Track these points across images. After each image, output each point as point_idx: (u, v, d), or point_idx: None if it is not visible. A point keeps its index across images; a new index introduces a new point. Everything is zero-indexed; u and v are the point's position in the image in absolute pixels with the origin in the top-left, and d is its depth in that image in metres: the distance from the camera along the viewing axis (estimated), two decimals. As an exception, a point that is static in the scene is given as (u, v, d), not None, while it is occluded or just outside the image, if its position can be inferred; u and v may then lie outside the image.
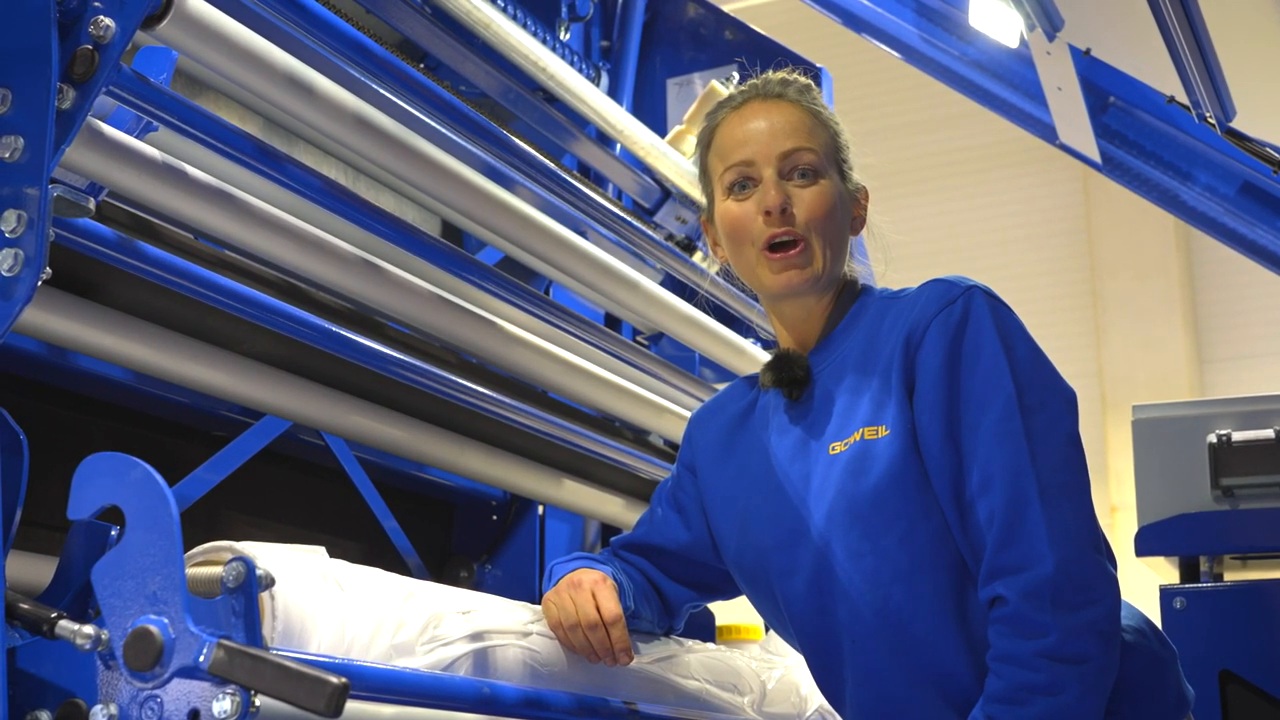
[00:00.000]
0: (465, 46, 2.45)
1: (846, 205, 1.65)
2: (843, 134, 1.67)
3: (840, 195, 1.63)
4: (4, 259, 1.27)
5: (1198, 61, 2.37)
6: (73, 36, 1.33)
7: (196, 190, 1.58)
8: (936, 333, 1.52)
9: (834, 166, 1.64)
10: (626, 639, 1.59)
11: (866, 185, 1.70)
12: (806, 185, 1.60)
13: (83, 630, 1.18)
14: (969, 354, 1.51)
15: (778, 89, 1.65)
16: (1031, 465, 1.46)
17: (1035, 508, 1.44)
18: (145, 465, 1.19)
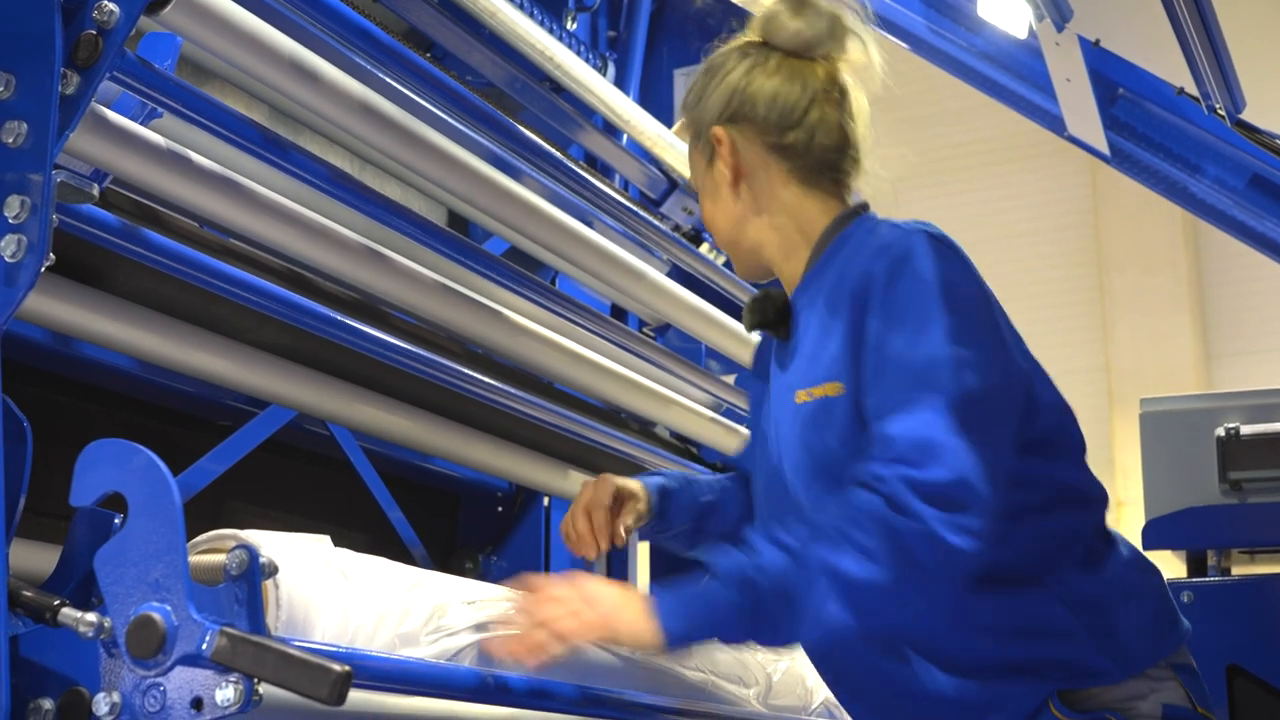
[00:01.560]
0: (472, 36, 2.44)
1: (712, 185, 1.61)
2: (699, 100, 1.62)
3: (704, 186, 1.63)
4: (6, 245, 1.27)
5: (1208, 52, 2.35)
6: (76, 21, 1.33)
7: (201, 177, 1.58)
8: (878, 284, 1.46)
9: (699, 151, 1.62)
10: (603, 527, 1.64)
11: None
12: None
13: (85, 618, 1.18)
14: (901, 307, 1.44)
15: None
16: (941, 396, 1.39)
17: (938, 427, 1.37)
18: (148, 452, 1.18)
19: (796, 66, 1.59)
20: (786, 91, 1.57)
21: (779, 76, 1.58)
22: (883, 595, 1.34)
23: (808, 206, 1.59)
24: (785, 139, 1.57)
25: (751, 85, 1.58)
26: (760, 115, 1.57)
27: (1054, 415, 1.54)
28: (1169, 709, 1.48)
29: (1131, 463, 7.48)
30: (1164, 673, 1.50)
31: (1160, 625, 1.53)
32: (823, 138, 1.58)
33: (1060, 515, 1.51)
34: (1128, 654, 1.48)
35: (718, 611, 1.36)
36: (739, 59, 1.61)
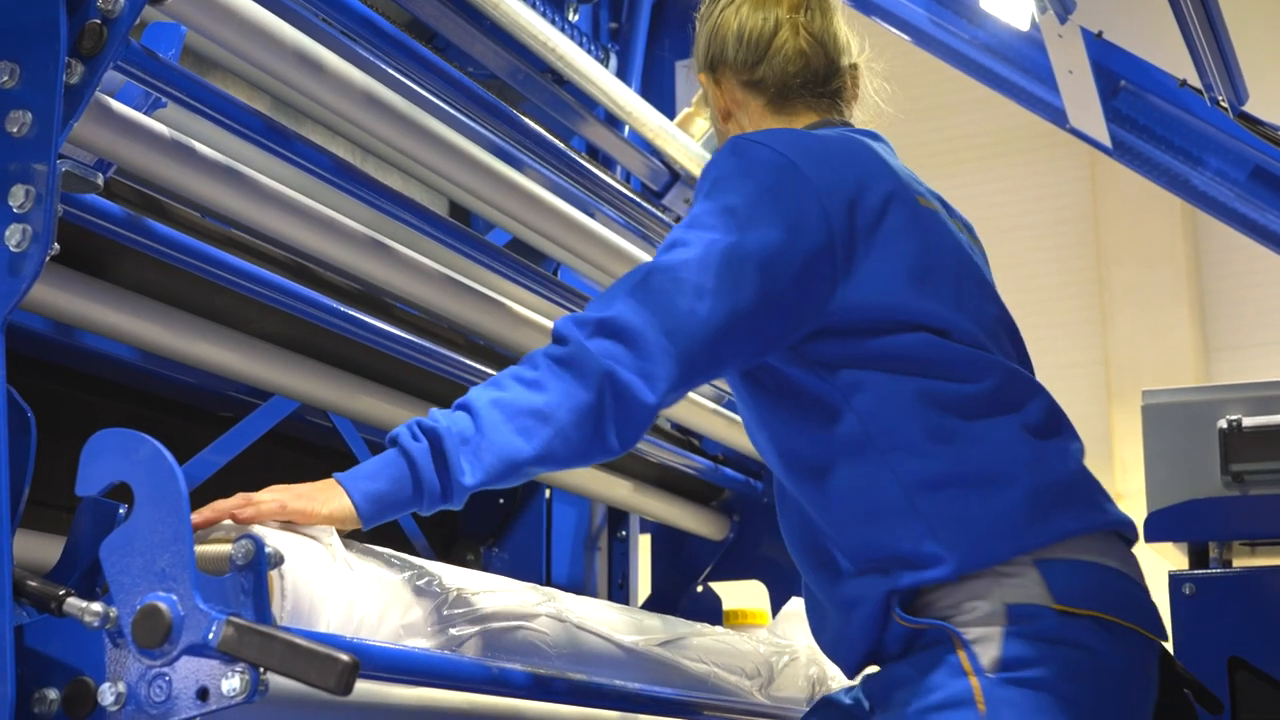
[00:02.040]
0: (474, 27, 2.44)
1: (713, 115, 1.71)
2: (696, 51, 1.70)
3: (713, 115, 1.71)
4: (11, 234, 1.26)
5: (1211, 44, 2.35)
6: (81, 10, 1.32)
7: (205, 167, 1.57)
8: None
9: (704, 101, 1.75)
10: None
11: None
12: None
13: (91, 607, 1.18)
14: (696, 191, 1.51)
15: None
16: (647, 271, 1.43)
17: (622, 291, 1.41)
18: (154, 441, 1.18)
19: (750, 14, 1.65)
20: (751, 25, 1.65)
21: (744, 11, 1.66)
22: (543, 417, 1.35)
23: (783, 126, 1.65)
24: (755, 74, 1.65)
25: (723, 25, 1.66)
26: (731, 56, 1.65)
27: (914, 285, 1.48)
28: (1015, 608, 1.37)
29: (1130, 456, 7.51)
30: (1021, 568, 1.38)
31: (1028, 516, 1.40)
32: (788, 65, 1.64)
33: (905, 378, 1.44)
34: (971, 547, 1.39)
35: (402, 468, 1.35)
36: (712, 5, 1.70)
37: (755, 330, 1.43)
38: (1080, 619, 1.38)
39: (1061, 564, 1.40)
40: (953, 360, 1.46)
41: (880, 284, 1.46)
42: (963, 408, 1.44)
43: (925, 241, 1.52)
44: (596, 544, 2.93)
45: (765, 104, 1.65)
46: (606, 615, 1.74)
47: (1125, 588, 1.45)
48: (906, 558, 1.40)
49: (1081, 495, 1.46)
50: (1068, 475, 1.46)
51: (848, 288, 1.45)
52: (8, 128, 1.28)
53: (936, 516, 1.40)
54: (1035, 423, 1.47)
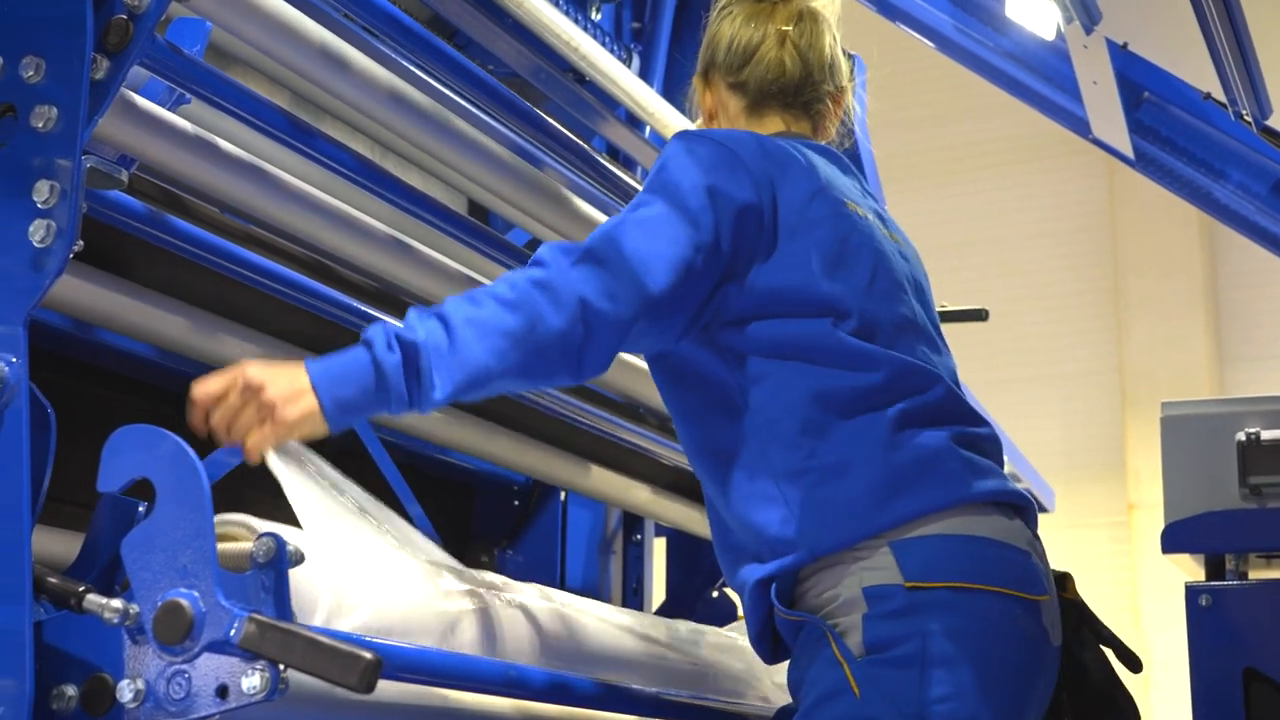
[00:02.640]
0: (497, 24, 2.43)
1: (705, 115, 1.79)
2: (703, 47, 1.78)
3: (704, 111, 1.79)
4: (35, 230, 1.26)
5: (1236, 58, 2.34)
6: (107, 6, 1.32)
7: (228, 164, 1.57)
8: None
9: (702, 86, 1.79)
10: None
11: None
12: None
13: (111, 604, 1.18)
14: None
15: None
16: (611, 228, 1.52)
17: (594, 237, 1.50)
18: (176, 438, 1.18)
19: (755, 10, 1.76)
20: (742, 34, 1.75)
21: (739, 21, 1.76)
22: (516, 340, 1.41)
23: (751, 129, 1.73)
24: (739, 77, 1.75)
25: (719, 33, 1.77)
26: (721, 59, 1.76)
27: (808, 296, 1.55)
28: (870, 590, 1.43)
29: (1144, 465, 7.48)
30: (876, 551, 1.44)
31: (878, 498, 1.46)
32: (767, 72, 1.74)
33: (801, 367, 1.52)
34: (821, 531, 1.46)
35: (373, 378, 1.37)
36: (716, 13, 1.80)
37: (706, 272, 1.51)
38: (933, 591, 1.43)
39: (916, 541, 1.46)
40: (847, 351, 1.53)
41: (793, 265, 1.56)
42: (845, 403, 1.51)
43: (843, 234, 1.60)
44: (611, 548, 2.92)
45: (743, 106, 1.75)
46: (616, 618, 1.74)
47: (989, 552, 1.49)
48: (771, 543, 1.49)
49: (942, 473, 1.51)
50: (925, 456, 1.51)
51: (765, 266, 1.55)
52: (33, 123, 1.28)
53: (796, 503, 1.48)
54: (913, 413, 1.53)
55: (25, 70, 1.29)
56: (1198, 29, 2.42)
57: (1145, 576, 7.06)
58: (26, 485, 1.23)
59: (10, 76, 1.30)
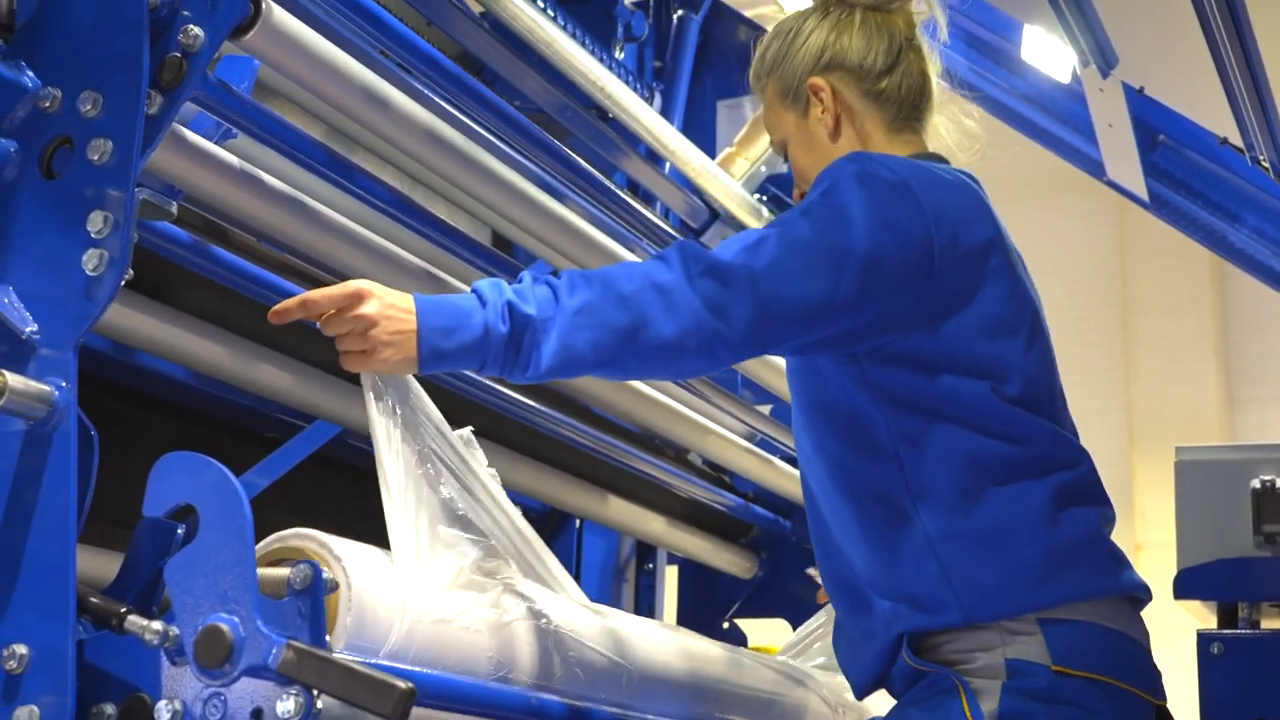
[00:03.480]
0: (525, 62, 2.48)
1: (807, 137, 1.67)
2: (784, 58, 1.68)
3: (799, 140, 1.68)
4: (89, 259, 1.30)
5: (1254, 103, 2.37)
6: (162, 43, 1.36)
7: (271, 196, 1.61)
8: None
9: (790, 107, 1.68)
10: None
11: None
12: (787, 163, 1.72)
13: (151, 626, 1.21)
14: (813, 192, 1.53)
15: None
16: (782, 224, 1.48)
17: (735, 248, 1.46)
18: (220, 466, 1.21)
19: (880, 19, 1.67)
20: (877, 41, 1.66)
21: (866, 29, 1.66)
22: (624, 338, 1.41)
23: (893, 150, 1.65)
24: (879, 85, 1.65)
25: (841, 39, 1.66)
26: (855, 64, 1.65)
27: (985, 348, 1.51)
28: (1014, 663, 1.42)
29: (1152, 506, 7.48)
30: (1026, 626, 1.44)
31: (1037, 575, 1.45)
32: (910, 82, 1.66)
33: (958, 431, 1.48)
34: (979, 598, 1.44)
35: (477, 341, 1.40)
36: (820, 18, 1.69)
37: (839, 322, 1.47)
38: (1076, 680, 1.43)
39: (1065, 625, 1.45)
40: (1006, 418, 1.49)
41: (963, 321, 1.50)
42: (1001, 470, 1.48)
43: (1013, 291, 1.55)
44: (624, 575, 2.95)
45: (884, 120, 1.65)
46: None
47: (1127, 649, 1.50)
48: (920, 599, 1.47)
49: (1094, 559, 1.51)
50: (1083, 539, 1.50)
51: (934, 316, 1.49)
52: (89, 155, 1.32)
53: (952, 565, 1.46)
54: (1068, 488, 1.51)
55: (83, 104, 1.33)
56: (1215, 74, 2.45)
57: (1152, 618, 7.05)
58: (73, 506, 1.27)
59: (68, 110, 1.34)
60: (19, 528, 1.26)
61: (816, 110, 1.66)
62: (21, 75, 1.37)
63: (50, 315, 1.30)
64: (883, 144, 1.65)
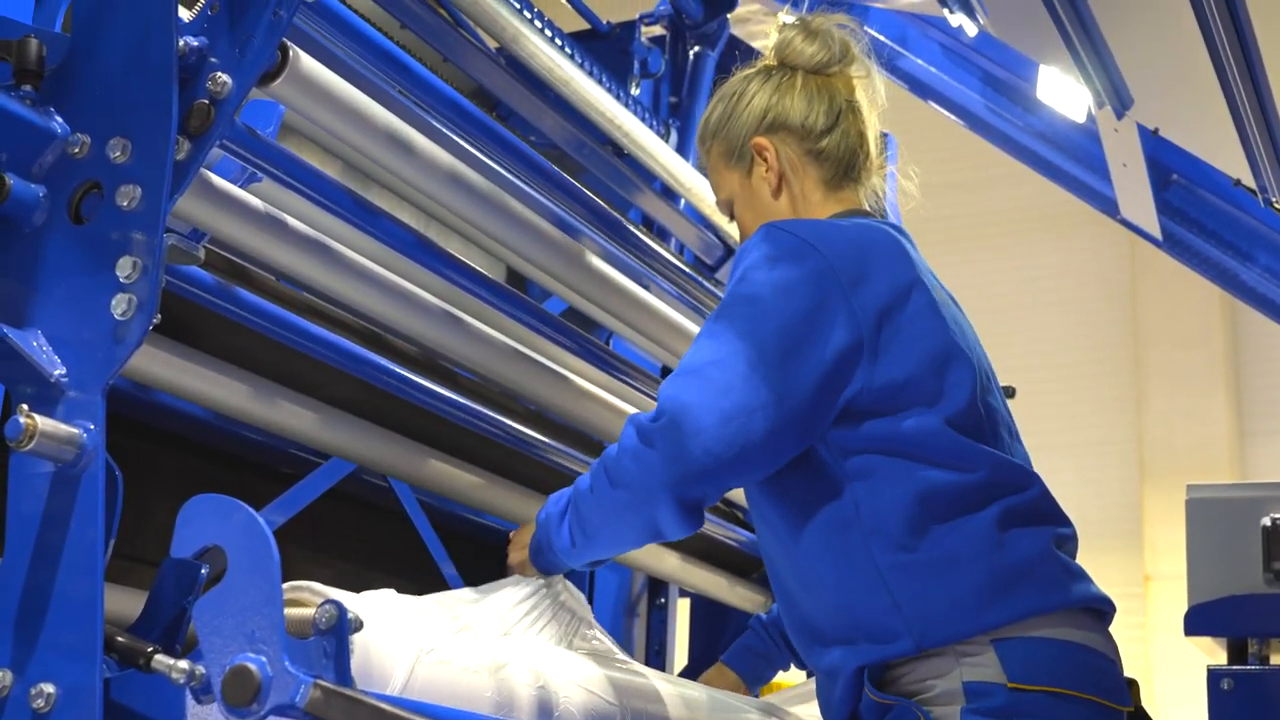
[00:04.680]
0: (539, 98, 2.51)
1: (751, 195, 1.76)
2: (729, 119, 1.77)
3: (742, 199, 1.77)
4: (117, 304, 1.32)
5: (1267, 146, 2.39)
6: (190, 90, 1.38)
7: (294, 239, 1.63)
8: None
9: (735, 167, 1.77)
10: None
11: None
12: (733, 220, 1.82)
13: (178, 665, 1.22)
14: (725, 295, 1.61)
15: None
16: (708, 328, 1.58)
17: (673, 388, 1.55)
18: (248, 508, 1.23)
19: (820, 82, 1.76)
20: (818, 103, 1.74)
21: (807, 90, 1.75)
22: (598, 506, 1.60)
23: (829, 208, 1.74)
24: (820, 144, 1.73)
25: (784, 100, 1.74)
26: (797, 124, 1.73)
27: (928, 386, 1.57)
28: (970, 685, 1.46)
29: (1161, 538, 7.46)
30: (979, 648, 1.47)
31: (985, 597, 1.49)
32: (848, 143, 1.74)
33: (907, 465, 1.53)
34: (929, 624, 1.48)
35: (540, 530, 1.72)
36: (762, 81, 1.77)
37: (790, 430, 1.53)
38: (1034, 694, 1.46)
39: (1018, 642, 1.48)
40: (951, 449, 1.54)
41: (900, 367, 1.56)
42: (950, 499, 1.54)
43: (941, 329, 1.61)
44: (636, 610, 2.95)
45: (822, 178, 1.73)
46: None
47: (1086, 660, 1.53)
48: (872, 631, 1.51)
49: (1044, 576, 1.54)
50: (1031, 558, 1.54)
51: (873, 374, 1.55)
52: (118, 201, 1.34)
53: (901, 593, 1.50)
54: (1015, 511, 1.56)
55: (112, 151, 1.35)
56: (1229, 116, 2.48)
57: (1160, 650, 7.03)
58: (100, 547, 1.28)
59: (97, 156, 1.36)
60: (47, 568, 1.27)
61: (760, 169, 1.74)
62: (51, 121, 1.39)
63: (79, 359, 1.32)
64: (819, 202, 1.73)
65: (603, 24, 3.08)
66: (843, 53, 1.77)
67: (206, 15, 1.41)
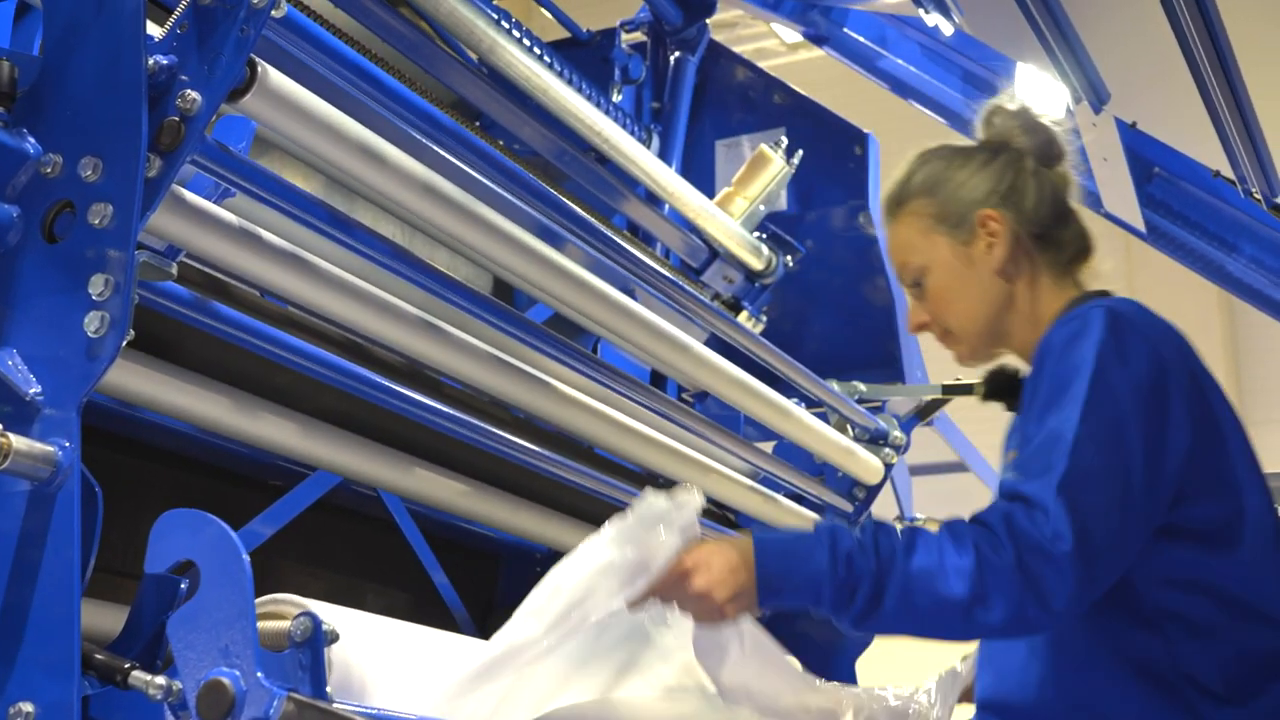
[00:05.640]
0: (520, 108, 2.51)
1: (964, 267, 1.69)
2: (944, 183, 1.71)
3: (950, 269, 1.70)
4: (90, 321, 1.32)
5: (1243, 137, 2.40)
6: (160, 108, 1.39)
7: (270, 253, 1.64)
8: (1052, 347, 1.56)
9: (946, 233, 1.70)
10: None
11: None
12: (920, 293, 1.74)
13: (155, 681, 1.23)
14: (1069, 361, 1.52)
15: (882, 216, 1.80)
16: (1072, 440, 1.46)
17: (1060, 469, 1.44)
18: (220, 523, 1.23)
19: (1047, 173, 1.72)
20: (1052, 191, 1.71)
21: (1039, 178, 1.70)
22: (949, 611, 1.43)
23: (1057, 296, 1.70)
24: (1050, 231, 1.69)
25: (1019, 180, 1.69)
26: (1029, 207, 1.69)
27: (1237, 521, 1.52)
28: None
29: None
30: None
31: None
32: (1077, 232, 1.72)
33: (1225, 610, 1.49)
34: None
35: (813, 582, 1.45)
36: (991, 156, 1.72)
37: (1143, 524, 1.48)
38: None
39: None
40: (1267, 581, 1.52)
41: (1230, 492, 1.53)
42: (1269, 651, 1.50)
43: (1240, 429, 1.58)
44: (630, 615, 2.96)
45: (1048, 262, 1.69)
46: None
47: None
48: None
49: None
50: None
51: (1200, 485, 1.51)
52: (90, 219, 1.35)
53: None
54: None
55: (83, 170, 1.36)
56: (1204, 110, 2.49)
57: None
58: (78, 564, 1.29)
59: (69, 175, 1.37)
60: (24, 587, 1.28)
61: (981, 243, 1.68)
62: (23, 142, 1.40)
63: (53, 376, 1.32)
64: (1050, 286, 1.69)
65: (583, 32, 3.09)
66: (1062, 145, 1.75)
67: (176, 34, 1.41)
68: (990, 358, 1.77)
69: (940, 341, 1.77)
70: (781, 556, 1.46)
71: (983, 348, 1.74)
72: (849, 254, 3.21)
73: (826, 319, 3.20)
